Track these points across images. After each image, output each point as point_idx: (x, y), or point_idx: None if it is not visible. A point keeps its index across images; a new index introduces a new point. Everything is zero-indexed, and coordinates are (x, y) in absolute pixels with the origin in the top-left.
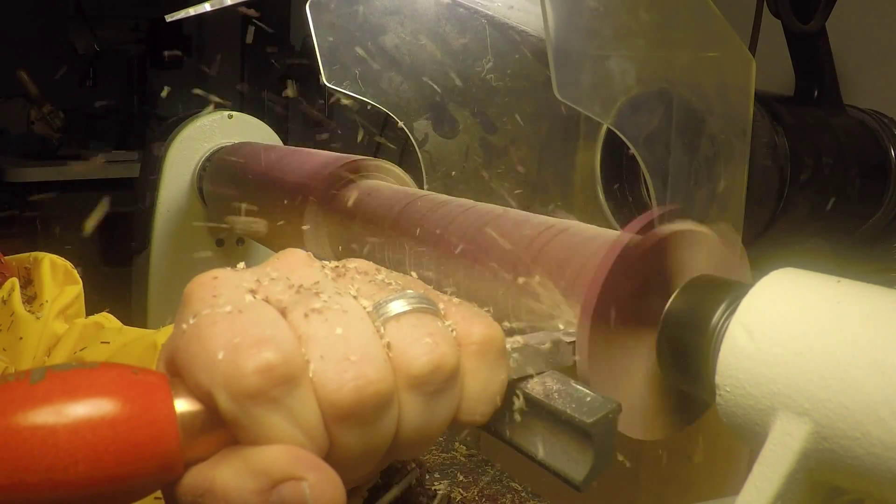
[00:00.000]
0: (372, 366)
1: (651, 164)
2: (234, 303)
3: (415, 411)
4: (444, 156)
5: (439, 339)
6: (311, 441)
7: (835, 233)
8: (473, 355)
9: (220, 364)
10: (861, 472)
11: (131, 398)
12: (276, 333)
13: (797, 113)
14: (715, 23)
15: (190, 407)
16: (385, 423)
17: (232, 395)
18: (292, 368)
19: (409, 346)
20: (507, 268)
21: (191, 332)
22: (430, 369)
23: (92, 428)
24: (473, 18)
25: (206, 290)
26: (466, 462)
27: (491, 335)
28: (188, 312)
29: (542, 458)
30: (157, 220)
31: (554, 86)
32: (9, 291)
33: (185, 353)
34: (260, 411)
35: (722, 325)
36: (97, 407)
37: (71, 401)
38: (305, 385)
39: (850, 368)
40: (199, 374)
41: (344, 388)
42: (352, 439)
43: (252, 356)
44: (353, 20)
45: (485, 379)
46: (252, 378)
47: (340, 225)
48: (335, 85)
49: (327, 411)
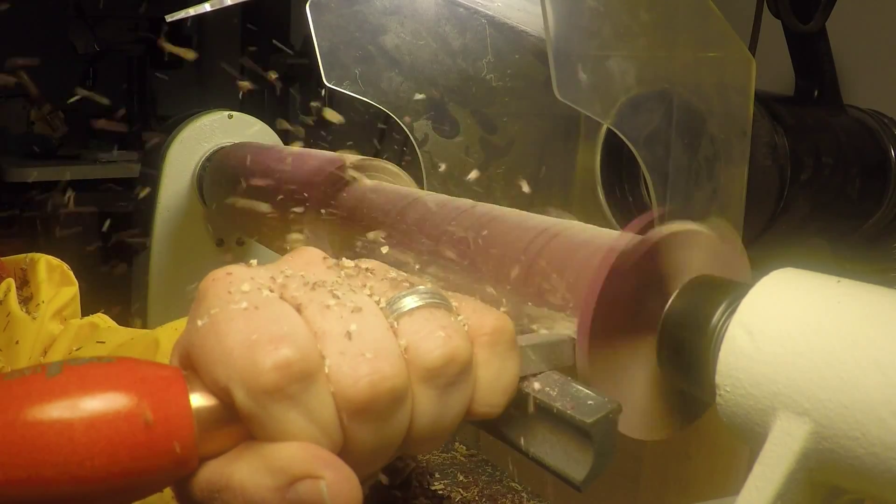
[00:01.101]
0: (387, 361)
1: (651, 164)
2: (250, 299)
3: (429, 404)
4: (444, 156)
5: (452, 332)
6: (326, 437)
7: (835, 233)
8: (486, 346)
9: (238, 360)
10: (861, 472)
11: (147, 392)
12: (293, 330)
13: (797, 113)
14: (715, 23)
15: (205, 402)
16: (399, 417)
17: (249, 392)
18: (309, 365)
19: (422, 340)
20: (507, 268)
21: (207, 328)
22: (444, 362)
23: (108, 422)
24: (473, 18)
25: (222, 286)
26: (466, 462)
27: (502, 326)
28: (204, 308)
29: (542, 458)
30: (157, 220)
31: (554, 86)
32: (5, 292)
33: (202, 349)
34: (277, 407)
35: (722, 325)
36: (113, 401)
37: (87, 395)
38: (322, 381)
39: (850, 368)
40: (216, 370)
41: (359, 383)
42: (366, 434)
43: (270, 353)
44: (353, 20)
45: (497, 369)
46: (270, 374)
47: (340, 225)
48: (335, 85)
49: (343, 407)
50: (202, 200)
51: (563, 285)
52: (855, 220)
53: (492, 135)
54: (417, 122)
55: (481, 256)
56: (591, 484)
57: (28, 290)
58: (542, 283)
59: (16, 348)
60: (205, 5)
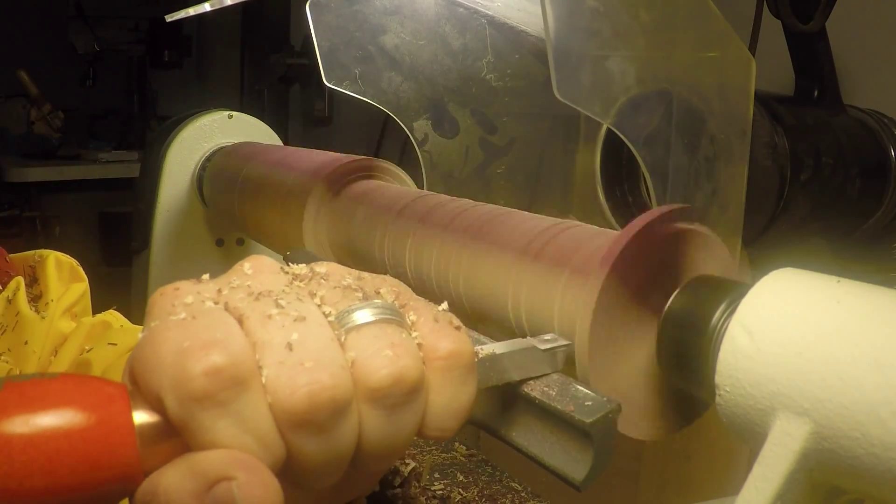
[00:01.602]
0: (327, 371)
1: (651, 164)
2: (189, 310)
3: (376, 423)
4: (444, 156)
5: (401, 352)
6: (263, 447)
7: (835, 233)
8: (439, 371)
9: (169, 368)
10: (861, 472)
11: (89, 409)
12: (226, 337)
13: (797, 113)
14: (715, 23)
15: (148, 417)
16: (344, 431)
17: (179, 399)
18: (241, 371)
19: (369, 358)
20: (509, 263)
21: (145, 340)
22: (390, 382)
23: (47, 439)
24: (473, 18)
25: (167, 300)
26: (466, 462)
27: (458, 350)
28: (148, 322)
29: (542, 458)
30: (157, 220)
31: (554, 86)
32: (14, 291)
33: (139, 361)
34: (207, 415)
35: (722, 325)
36: (54, 419)
37: (27, 412)
38: (256, 390)
39: (850, 368)
40: (151, 380)
41: (297, 393)
42: (310, 447)
43: (199, 359)
44: (353, 20)
45: (450, 395)
46: (198, 381)
47: (340, 225)
48: (335, 85)
49: (280, 417)
50: (202, 200)
51: (564, 284)
52: (855, 220)
53: (492, 135)
54: (417, 122)
55: (483, 253)
56: (590, 484)
57: (37, 288)
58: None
59: (25, 349)
60: (205, 5)
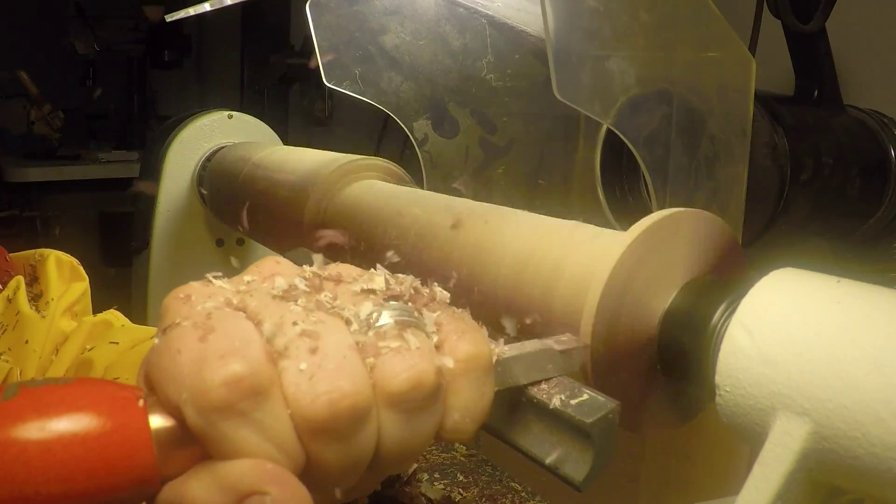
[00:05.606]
0: (347, 378)
1: (651, 164)
2: (206, 316)
3: (395, 428)
4: (444, 156)
5: (420, 355)
6: (284, 455)
7: (835, 233)
8: (458, 373)
9: (188, 378)
10: (861, 472)
11: (105, 415)
12: (246, 345)
13: (797, 113)
14: (715, 23)
15: (165, 422)
16: (363, 437)
17: (199, 409)
18: (260, 380)
19: (388, 362)
20: (508, 264)
21: (161, 346)
22: (409, 386)
23: (64, 446)
24: (473, 18)
25: (181, 303)
26: (466, 462)
27: (476, 353)
28: (162, 327)
29: (542, 458)
30: (157, 220)
31: (554, 86)
32: (14, 290)
33: (156, 368)
34: (228, 425)
35: (722, 325)
36: (70, 424)
37: (43, 418)
38: (276, 398)
39: (850, 368)
40: (168, 388)
41: (317, 400)
42: (329, 454)
43: (218, 369)
44: (353, 20)
45: (468, 397)
46: (218, 391)
47: (340, 225)
48: (335, 85)
49: (301, 425)
50: (202, 200)
51: (564, 283)
52: (855, 220)
53: (492, 135)
54: (417, 122)
55: (484, 252)
56: (591, 484)
57: (38, 287)
58: (543, 274)
59: (25, 348)
60: (205, 5)
